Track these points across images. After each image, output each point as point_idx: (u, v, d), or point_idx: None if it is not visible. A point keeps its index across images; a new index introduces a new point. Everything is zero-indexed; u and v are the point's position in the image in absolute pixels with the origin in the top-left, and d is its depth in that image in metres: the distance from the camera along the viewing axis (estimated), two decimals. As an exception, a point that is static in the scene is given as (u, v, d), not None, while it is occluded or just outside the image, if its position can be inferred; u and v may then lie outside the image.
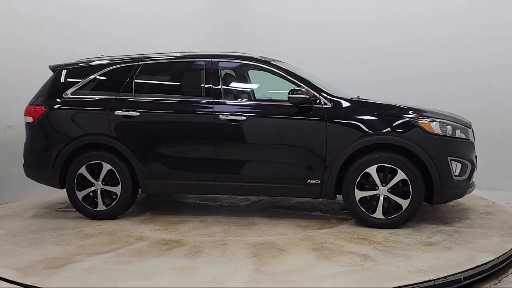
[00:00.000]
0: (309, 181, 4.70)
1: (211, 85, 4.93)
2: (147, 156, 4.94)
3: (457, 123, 4.71)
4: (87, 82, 5.17)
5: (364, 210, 4.60)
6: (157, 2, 8.27)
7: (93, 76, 5.18)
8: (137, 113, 4.93)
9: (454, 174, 4.54)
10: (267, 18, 8.80)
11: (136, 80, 5.09)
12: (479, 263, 3.59)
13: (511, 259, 4.00)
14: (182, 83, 5.44)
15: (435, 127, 4.52)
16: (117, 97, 5.03)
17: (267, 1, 9.00)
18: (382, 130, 4.54)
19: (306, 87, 4.73)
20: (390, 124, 4.55)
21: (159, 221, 4.98)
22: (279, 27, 8.63)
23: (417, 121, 4.52)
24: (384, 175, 4.52)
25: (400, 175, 4.48)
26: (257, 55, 5.14)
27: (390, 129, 4.53)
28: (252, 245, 4.13)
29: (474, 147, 4.83)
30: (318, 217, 5.08)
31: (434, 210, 5.21)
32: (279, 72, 4.92)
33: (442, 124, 4.57)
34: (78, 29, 6.98)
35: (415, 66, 7.52)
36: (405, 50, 7.60)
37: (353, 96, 4.97)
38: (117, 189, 4.98)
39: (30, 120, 5.18)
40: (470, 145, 4.76)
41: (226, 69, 5.23)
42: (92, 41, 6.95)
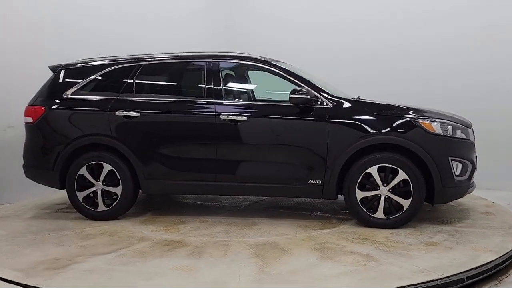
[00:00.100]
0: (310, 181, 4.70)
1: (212, 86, 4.92)
2: (147, 157, 4.93)
3: (458, 123, 4.73)
4: (87, 82, 5.15)
5: (365, 210, 4.60)
6: (157, 3, 8.26)
7: (93, 77, 5.15)
8: (138, 114, 4.92)
9: (455, 174, 4.56)
10: (267, 18, 8.80)
11: (137, 81, 5.08)
12: (482, 263, 3.61)
13: (513, 259, 4.01)
14: (182, 84, 5.44)
15: (436, 127, 4.53)
16: (118, 97, 5.02)
17: (267, 1, 8.99)
18: (383, 130, 4.55)
19: (307, 88, 4.72)
20: (391, 124, 4.56)
21: (160, 222, 4.97)
22: (279, 27, 8.62)
23: (418, 121, 4.53)
24: (385, 175, 4.53)
25: (401, 175, 4.49)
26: (257, 56, 5.14)
27: (391, 129, 4.54)
28: (254, 245, 4.12)
29: (475, 147, 4.84)
30: (319, 217, 5.08)
31: (434, 210, 5.23)
32: (280, 72, 4.92)
33: (443, 124, 4.58)
34: (78, 29, 6.96)
35: (415, 66, 7.52)
36: (405, 51, 7.60)
37: (353, 97, 4.98)
38: (117, 190, 4.97)
39: (30, 121, 5.16)
40: (470, 145, 4.78)
41: (226, 69, 5.22)
42: (92, 41, 6.93)
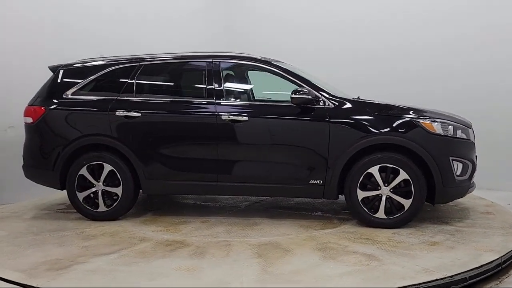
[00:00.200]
0: (311, 181, 4.70)
1: (212, 86, 4.92)
2: (148, 157, 4.92)
3: (458, 123, 4.74)
4: (87, 82, 5.13)
5: (366, 210, 4.61)
6: (157, 3, 8.25)
7: (94, 77, 5.13)
8: (139, 114, 4.91)
9: (456, 174, 4.57)
10: (267, 18, 8.80)
11: (137, 81, 5.07)
12: (484, 262, 3.61)
13: (514, 258, 4.03)
14: (183, 84, 5.43)
15: (437, 127, 4.55)
16: (118, 97, 5.01)
17: (267, 1, 8.99)
18: (384, 130, 4.56)
19: (308, 88, 4.73)
20: (392, 125, 4.57)
21: (161, 222, 4.96)
22: (279, 27, 8.62)
23: (419, 121, 4.54)
24: (386, 175, 4.54)
25: (402, 175, 4.50)
26: (258, 56, 5.14)
27: (392, 129, 4.55)
28: (256, 245, 4.12)
29: (475, 147, 4.86)
30: (320, 217, 5.08)
31: (434, 210, 5.24)
32: (281, 72, 4.93)
33: (444, 124, 4.60)
34: (78, 29, 6.95)
35: (415, 66, 7.54)
36: (405, 51, 7.62)
37: (354, 97, 4.99)
38: (118, 190, 4.96)
39: (30, 121, 5.14)
40: (471, 145, 4.80)
41: (227, 70, 5.22)
42: (92, 41, 6.91)
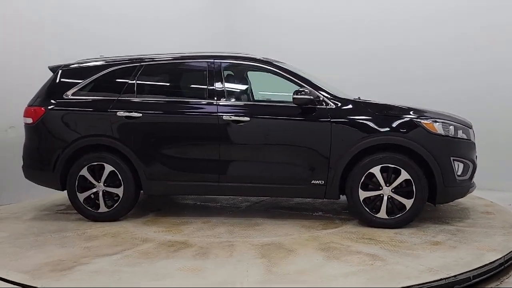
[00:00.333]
0: (313, 181, 4.71)
1: (213, 86, 4.92)
2: (149, 157, 4.91)
3: (459, 123, 4.77)
4: (87, 83, 5.11)
5: (368, 210, 4.62)
6: (157, 3, 8.23)
7: (94, 77, 5.11)
8: (140, 114, 4.90)
9: (457, 174, 4.60)
10: (267, 18, 8.80)
11: (138, 81, 5.06)
12: (487, 262, 3.63)
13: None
14: (184, 84, 5.43)
15: (438, 128, 4.57)
16: (119, 98, 5.00)
17: (267, 1, 9.00)
18: (386, 131, 4.57)
19: (310, 88, 4.73)
20: (393, 125, 4.59)
21: (162, 223, 4.95)
22: (279, 27, 8.63)
23: (420, 122, 4.56)
24: (387, 175, 4.56)
25: (404, 175, 4.52)
26: (259, 56, 5.14)
27: (393, 130, 4.57)
28: (259, 245, 4.12)
29: (475, 147, 4.88)
30: (321, 218, 5.09)
31: (434, 210, 5.26)
32: (282, 72, 4.93)
33: (445, 125, 4.62)
34: (78, 29, 6.92)
35: (415, 66, 7.56)
36: (405, 51, 7.64)
37: (354, 97, 5.00)
38: (119, 191, 4.95)
39: (30, 121, 5.11)
40: (471, 145, 4.82)
41: (228, 70, 5.22)
42: (92, 42, 6.89)
